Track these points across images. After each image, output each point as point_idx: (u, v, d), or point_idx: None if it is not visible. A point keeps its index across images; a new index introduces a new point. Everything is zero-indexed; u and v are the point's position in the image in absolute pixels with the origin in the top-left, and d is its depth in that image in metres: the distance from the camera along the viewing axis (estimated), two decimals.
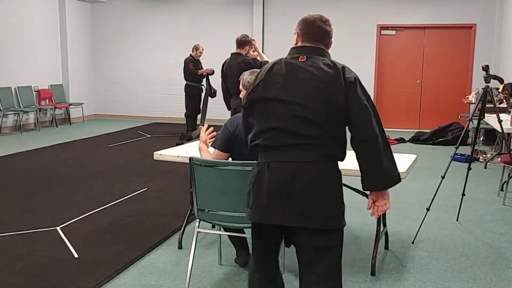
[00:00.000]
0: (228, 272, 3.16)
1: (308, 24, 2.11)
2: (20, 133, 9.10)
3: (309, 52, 2.05)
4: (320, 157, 1.97)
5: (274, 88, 2.00)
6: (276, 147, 1.97)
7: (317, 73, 1.97)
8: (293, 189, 1.93)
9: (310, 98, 1.95)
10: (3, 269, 3.15)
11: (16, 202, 4.67)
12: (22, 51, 9.50)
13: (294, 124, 1.95)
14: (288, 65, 2.04)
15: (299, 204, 1.93)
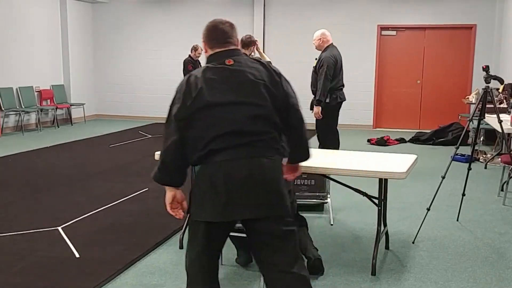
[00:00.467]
0: (229, 272, 3.17)
1: (211, 30, 2.23)
2: (22, 133, 9.12)
3: (231, 55, 2.16)
4: (271, 150, 2.12)
5: (222, 92, 2.08)
6: (230, 147, 2.05)
7: (254, 72, 2.11)
8: (251, 183, 2.04)
9: (258, 96, 2.08)
10: (5, 269, 3.16)
11: (17, 202, 4.69)
12: (23, 52, 9.51)
13: (248, 123, 2.06)
14: (221, 70, 2.12)
15: (258, 196, 2.05)
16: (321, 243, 3.60)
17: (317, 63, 5.29)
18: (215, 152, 2.06)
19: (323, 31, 5.42)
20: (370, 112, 10.26)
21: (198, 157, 2.09)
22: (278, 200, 2.10)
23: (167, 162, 2.15)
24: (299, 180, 4.26)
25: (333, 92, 5.27)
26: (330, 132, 5.39)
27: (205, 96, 2.08)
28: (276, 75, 2.17)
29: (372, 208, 3.82)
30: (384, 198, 3.35)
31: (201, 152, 2.08)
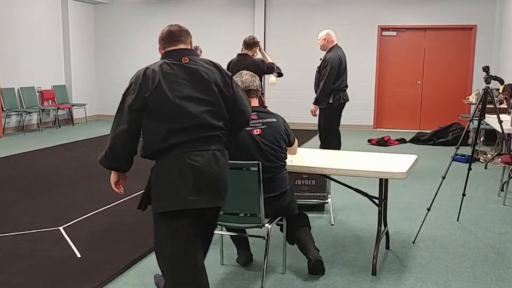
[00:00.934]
0: (229, 272, 3.18)
1: (162, 32, 2.40)
2: (23, 133, 9.13)
3: (185, 54, 2.31)
4: (222, 144, 2.32)
5: (180, 87, 2.21)
6: (191, 140, 2.20)
7: (208, 72, 2.28)
8: (212, 174, 2.22)
9: (212, 94, 2.26)
10: (7, 269, 3.17)
11: (19, 202, 4.70)
12: (25, 52, 9.53)
13: (205, 118, 2.22)
14: (178, 66, 2.26)
15: (218, 186, 2.25)
16: (321, 243, 3.61)
17: (322, 63, 5.27)
18: (176, 145, 2.18)
19: (328, 31, 5.38)
20: (371, 113, 10.27)
21: (158, 150, 2.21)
22: (226, 192, 2.32)
23: (116, 148, 2.28)
24: (300, 180, 4.27)
25: (336, 93, 5.24)
26: (332, 133, 5.38)
27: (164, 89, 2.19)
28: (227, 77, 2.33)
29: (372, 208, 3.83)
30: (384, 198, 3.35)
31: (161, 145, 2.19)
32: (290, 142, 3.05)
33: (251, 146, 2.87)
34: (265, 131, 2.92)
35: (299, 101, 10.36)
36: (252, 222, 2.80)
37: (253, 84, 2.97)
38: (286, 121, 3.08)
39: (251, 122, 2.86)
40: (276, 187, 2.94)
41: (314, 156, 3.50)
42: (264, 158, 2.87)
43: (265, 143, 2.90)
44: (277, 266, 3.24)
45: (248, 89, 2.95)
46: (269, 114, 3.00)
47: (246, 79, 2.96)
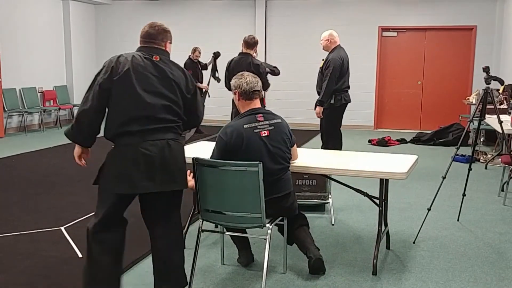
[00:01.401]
0: (230, 272, 3.19)
1: (143, 30, 2.66)
2: (25, 133, 9.15)
3: (157, 53, 2.57)
4: (177, 135, 2.56)
5: (145, 79, 2.47)
6: (147, 130, 2.44)
7: (173, 72, 2.54)
8: (165, 161, 2.46)
9: (172, 91, 2.51)
10: (8, 269, 3.18)
11: (20, 202, 4.71)
12: (27, 53, 9.54)
13: (161, 111, 2.47)
14: (148, 60, 2.52)
15: (169, 172, 2.48)
16: (322, 243, 3.62)
17: (324, 64, 5.26)
18: (133, 133, 2.43)
19: (330, 32, 5.36)
20: (371, 113, 10.28)
21: (116, 134, 2.45)
22: (182, 177, 2.55)
23: (82, 123, 2.50)
24: (300, 180, 4.28)
25: (338, 94, 5.22)
26: (334, 133, 5.37)
27: (131, 78, 2.45)
28: (191, 83, 2.60)
29: (373, 208, 3.85)
30: (385, 198, 3.36)
31: (118, 130, 2.44)
32: (292, 142, 3.07)
33: (262, 150, 2.86)
34: (272, 132, 2.92)
35: (299, 102, 10.38)
36: (253, 222, 2.80)
37: (257, 85, 2.97)
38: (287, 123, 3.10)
39: (258, 124, 2.88)
40: (281, 189, 2.95)
41: (314, 157, 3.51)
42: (273, 161, 2.88)
43: (274, 144, 2.90)
44: (277, 266, 3.25)
45: (253, 90, 2.94)
46: (274, 115, 3.01)
47: (250, 80, 2.96)
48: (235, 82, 2.96)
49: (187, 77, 2.59)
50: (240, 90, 2.93)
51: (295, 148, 3.15)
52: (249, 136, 2.83)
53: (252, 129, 2.86)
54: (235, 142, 2.82)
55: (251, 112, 2.93)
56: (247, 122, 2.88)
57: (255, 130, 2.86)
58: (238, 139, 2.83)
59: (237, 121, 2.92)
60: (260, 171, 2.67)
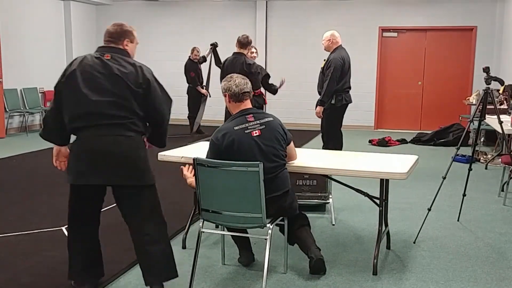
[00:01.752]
0: (231, 272, 3.20)
1: (106, 30, 2.81)
2: (26, 134, 9.17)
3: (112, 51, 2.70)
4: (129, 131, 2.62)
5: (91, 78, 2.59)
6: (94, 126, 2.59)
7: (122, 70, 2.62)
8: (109, 156, 2.58)
9: (119, 88, 2.59)
10: (10, 269, 3.19)
11: (22, 202, 4.72)
12: (28, 53, 9.57)
13: (109, 108, 2.58)
14: (97, 59, 2.65)
15: (117, 167, 2.60)
16: (323, 243, 3.63)
17: (325, 64, 5.28)
18: (80, 129, 2.61)
19: (332, 32, 5.38)
20: (372, 113, 10.29)
21: (70, 130, 2.67)
22: (136, 172, 2.64)
23: (47, 122, 2.74)
24: (301, 180, 4.29)
25: (339, 94, 5.24)
26: (334, 133, 5.39)
27: (76, 77, 2.60)
28: (141, 77, 2.64)
29: (373, 208, 3.86)
30: (385, 199, 3.36)
31: (69, 126, 2.63)
32: (287, 140, 3.07)
33: (253, 149, 2.88)
34: (264, 131, 2.93)
35: (300, 102, 10.39)
36: (254, 222, 2.81)
37: (246, 86, 2.99)
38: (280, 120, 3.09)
39: (249, 124, 2.90)
40: (278, 187, 2.95)
41: (315, 157, 3.52)
42: (266, 159, 2.89)
43: (266, 143, 2.91)
44: (278, 266, 3.26)
45: (243, 92, 2.96)
46: (265, 114, 3.02)
47: (239, 82, 2.98)
48: (225, 85, 2.99)
49: (138, 72, 2.65)
50: (229, 92, 2.97)
51: (292, 147, 3.14)
52: (240, 138, 2.85)
53: (242, 130, 2.88)
54: (227, 145, 2.85)
55: (241, 113, 2.95)
56: (238, 123, 2.90)
57: (246, 131, 2.88)
58: (229, 142, 2.85)
59: (228, 124, 2.95)
60: (261, 171, 2.68)
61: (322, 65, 5.39)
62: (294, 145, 3.19)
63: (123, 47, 2.77)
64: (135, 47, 2.88)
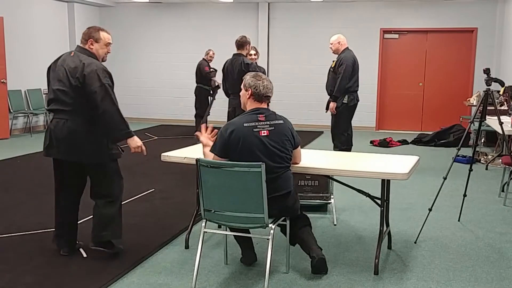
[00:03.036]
0: (234, 271, 3.21)
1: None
2: (30, 135, 9.19)
3: (77, 49, 3.28)
4: (74, 116, 3.17)
5: (55, 71, 3.26)
6: (54, 110, 3.24)
7: (70, 64, 3.17)
8: (62, 136, 3.19)
9: (66, 80, 3.15)
10: (14, 268, 3.21)
11: (26, 202, 4.75)
12: (32, 55, 9.59)
13: (60, 95, 3.18)
14: (67, 56, 3.27)
15: (67, 145, 3.20)
16: (324, 243, 3.65)
17: (337, 63, 5.54)
18: (49, 111, 3.34)
19: (339, 35, 5.67)
20: (373, 114, 10.31)
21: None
22: (81, 151, 3.18)
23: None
24: (303, 181, 4.32)
25: (350, 94, 5.54)
26: (345, 132, 5.68)
27: (50, 71, 3.33)
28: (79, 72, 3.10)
29: (375, 208, 3.88)
30: (386, 199, 3.38)
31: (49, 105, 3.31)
32: (295, 144, 3.10)
33: (258, 148, 2.91)
34: (272, 133, 2.96)
35: (302, 103, 10.41)
36: (256, 222, 2.83)
37: (271, 91, 3.06)
38: (292, 124, 3.13)
39: (258, 123, 2.93)
40: (280, 187, 2.98)
41: (317, 157, 3.55)
42: (269, 159, 2.92)
43: (272, 144, 2.95)
44: (280, 265, 3.28)
45: (267, 95, 3.03)
46: (276, 116, 3.06)
47: (267, 85, 3.03)
48: (252, 82, 3.01)
49: (79, 68, 3.11)
50: (254, 90, 2.99)
51: (298, 150, 3.17)
52: (246, 134, 2.89)
53: (251, 128, 2.92)
54: (233, 140, 2.90)
55: (254, 112, 2.99)
56: (248, 120, 2.94)
57: (255, 129, 2.92)
58: (236, 137, 2.90)
59: (239, 118, 2.99)
60: (263, 171, 2.71)
61: (332, 64, 5.64)
62: (300, 149, 3.22)
63: (88, 47, 3.26)
64: (103, 46, 3.30)
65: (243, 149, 2.89)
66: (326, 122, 6.40)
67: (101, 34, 3.27)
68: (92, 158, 3.24)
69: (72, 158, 3.24)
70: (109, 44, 3.33)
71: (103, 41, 3.29)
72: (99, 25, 3.63)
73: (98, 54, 3.27)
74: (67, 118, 3.17)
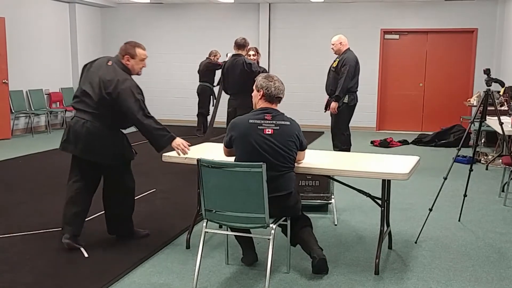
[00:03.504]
0: (235, 271, 3.22)
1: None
2: (32, 135, 9.20)
3: (114, 60, 3.47)
4: (94, 119, 3.38)
5: (89, 76, 3.44)
6: (77, 109, 3.47)
7: (105, 77, 3.35)
8: (79, 134, 3.40)
9: (96, 86, 3.37)
10: (16, 268, 3.22)
11: (27, 202, 4.76)
12: (34, 55, 9.61)
13: (85, 98, 3.40)
14: (104, 63, 3.47)
15: (84, 145, 3.41)
16: (325, 243, 3.66)
17: (339, 63, 5.57)
18: (73, 109, 3.54)
19: (340, 36, 5.72)
20: (374, 114, 10.32)
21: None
22: (97, 152, 3.41)
23: None
24: (304, 181, 4.33)
25: (351, 93, 5.58)
26: (345, 132, 5.71)
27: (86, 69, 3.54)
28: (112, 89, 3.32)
29: (375, 208, 3.88)
30: (387, 199, 3.39)
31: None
32: (301, 146, 3.14)
33: (260, 144, 2.95)
34: (276, 132, 2.99)
35: (302, 104, 10.42)
36: (257, 222, 2.84)
37: (282, 93, 3.12)
38: (300, 127, 3.16)
39: (264, 121, 2.99)
40: (282, 187, 2.99)
41: (317, 158, 3.56)
42: (271, 156, 2.94)
43: (275, 143, 2.98)
44: (281, 265, 3.29)
45: (278, 96, 3.09)
46: (284, 117, 3.10)
47: (278, 86, 3.10)
48: (264, 83, 3.07)
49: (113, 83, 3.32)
50: (266, 91, 3.06)
51: (303, 153, 3.22)
52: (249, 129, 2.97)
53: (256, 125, 2.99)
54: (236, 134, 3.02)
55: (263, 110, 3.06)
56: (254, 117, 3.02)
57: (259, 127, 2.98)
58: (239, 130, 3.01)
59: (247, 115, 3.07)
60: (264, 171, 2.72)
61: (335, 64, 5.64)
62: (305, 152, 3.26)
63: (125, 62, 3.46)
64: (139, 62, 3.49)
65: (244, 143, 2.96)
66: (326, 123, 6.40)
67: (137, 50, 3.47)
68: (106, 159, 3.46)
69: (87, 157, 3.44)
70: (144, 59, 3.53)
71: (139, 57, 3.49)
72: (100, 26, 3.81)
73: (133, 69, 3.49)
74: (87, 119, 3.38)
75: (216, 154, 3.56)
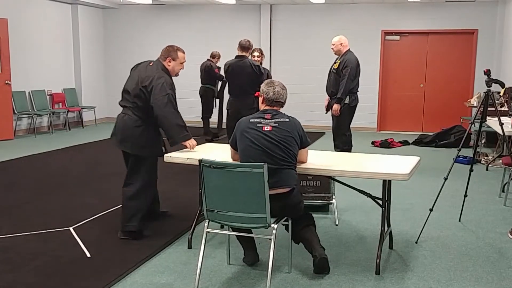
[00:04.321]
0: (236, 271, 3.24)
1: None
2: (34, 135, 9.22)
3: (155, 62, 3.79)
4: (130, 112, 3.72)
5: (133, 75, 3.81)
6: (121, 105, 3.82)
7: (143, 72, 3.71)
8: (118, 127, 3.76)
9: (136, 84, 3.70)
10: (18, 268, 3.23)
11: (30, 203, 4.78)
12: (36, 56, 9.63)
13: (129, 95, 3.75)
14: (146, 64, 3.81)
15: (121, 137, 3.73)
16: (326, 243, 3.67)
17: (340, 65, 5.56)
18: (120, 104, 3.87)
19: (341, 37, 5.72)
20: (374, 115, 10.33)
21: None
22: (129, 143, 3.70)
23: None
24: (305, 181, 4.35)
25: (352, 94, 5.59)
26: (347, 131, 5.72)
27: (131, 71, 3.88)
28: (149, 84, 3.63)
29: (376, 208, 3.90)
30: (388, 199, 3.40)
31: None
32: (302, 143, 3.19)
33: (258, 139, 3.05)
34: (275, 129, 3.09)
35: (303, 104, 10.43)
36: (258, 222, 2.86)
37: (282, 97, 3.23)
38: (301, 124, 3.24)
39: (264, 120, 3.12)
40: (282, 182, 3.01)
41: (319, 158, 3.58)
42: (269, 149, 3.01)
43: (274, 138, 3.06)
44: (283, 265, 3.30)
45: (277, 100, 3.20)
46: (283, 115, 3.18)
47: (278, 91, 3.20)
48: (264, 88, 3.23)
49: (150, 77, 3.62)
50: (266, 96, 3.21)
51: (305, 151, 3.27)
52: (250, 127, 3.11)
53: (255, 123, 3.13)
54: (238, 132, 3.16)
55: (264, 111, 3.20)
56: (255, 117, 3.16)
57: (258, 124, 3.12)
58: (241, 128, 3.14)
59: (249, 116, 3.23)
60: (265, 172, 2.74)
61: (336, 65, 5.63)
62: (308, 151, 3.32)
63: (166, 64, 3.76)
64: (179, 64, 3.79)
65: (243, 138, 3.09)
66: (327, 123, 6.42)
67: (178, 53, 3.78)
68: (134, 149, 3.71)
69: (122, 147, 3.77)
70: (183, 62, 3.84)
71: (179, 60, 3.79)
72: (102, 27, 3.92)
73: (173, 71, 3.78)
74: (126, 113, 3.74)
75: (217, 154, 3.58)
